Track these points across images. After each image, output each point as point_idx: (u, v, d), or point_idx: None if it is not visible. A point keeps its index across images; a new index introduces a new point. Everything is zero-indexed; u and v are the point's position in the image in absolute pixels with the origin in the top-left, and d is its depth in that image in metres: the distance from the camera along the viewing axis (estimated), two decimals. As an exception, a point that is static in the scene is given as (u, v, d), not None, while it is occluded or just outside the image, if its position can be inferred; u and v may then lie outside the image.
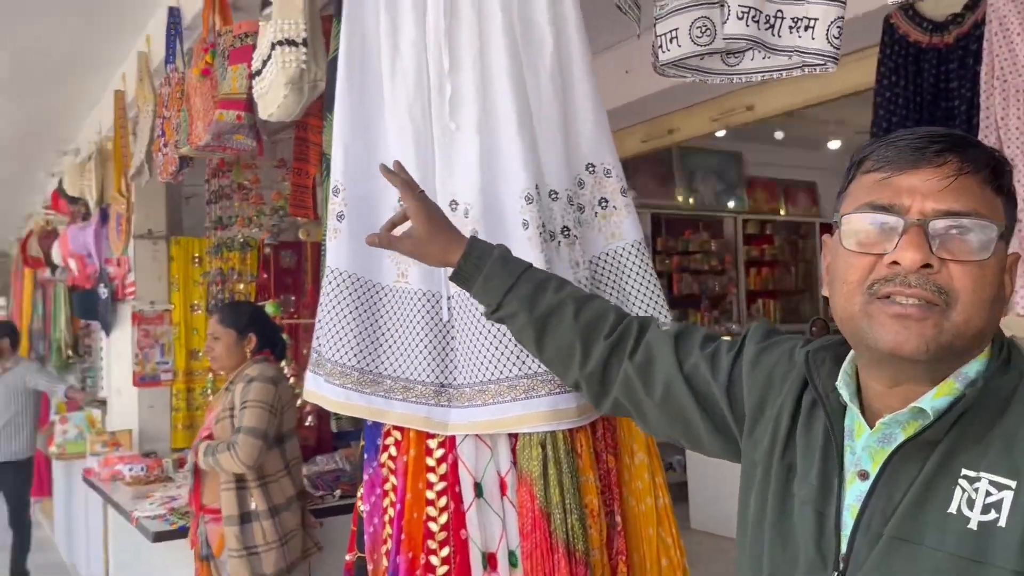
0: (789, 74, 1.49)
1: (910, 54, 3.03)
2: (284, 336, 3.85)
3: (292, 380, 3.78)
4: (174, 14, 3.31)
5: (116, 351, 5.09)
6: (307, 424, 4.45)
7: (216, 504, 2.74)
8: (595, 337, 1.27)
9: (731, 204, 7.78)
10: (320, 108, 2.28)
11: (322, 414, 4.12)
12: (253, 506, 2.67)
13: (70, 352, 6.83)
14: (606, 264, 1.72)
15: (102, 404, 5.39)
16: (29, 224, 7.75)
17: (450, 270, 1.48)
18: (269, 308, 3.94)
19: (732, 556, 1.03)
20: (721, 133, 5.29)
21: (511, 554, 1.58)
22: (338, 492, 3.40)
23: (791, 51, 1.47)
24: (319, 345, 1.70)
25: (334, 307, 1.68)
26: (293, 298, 4.96)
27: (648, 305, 1.72)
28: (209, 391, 4.79)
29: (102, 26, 3.68)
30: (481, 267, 1.36)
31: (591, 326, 1.28)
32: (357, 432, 2.58)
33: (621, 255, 1.72)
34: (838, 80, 3.51)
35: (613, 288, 1.71)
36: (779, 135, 6.64)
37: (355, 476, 3.72)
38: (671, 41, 1.56)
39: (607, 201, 1.72)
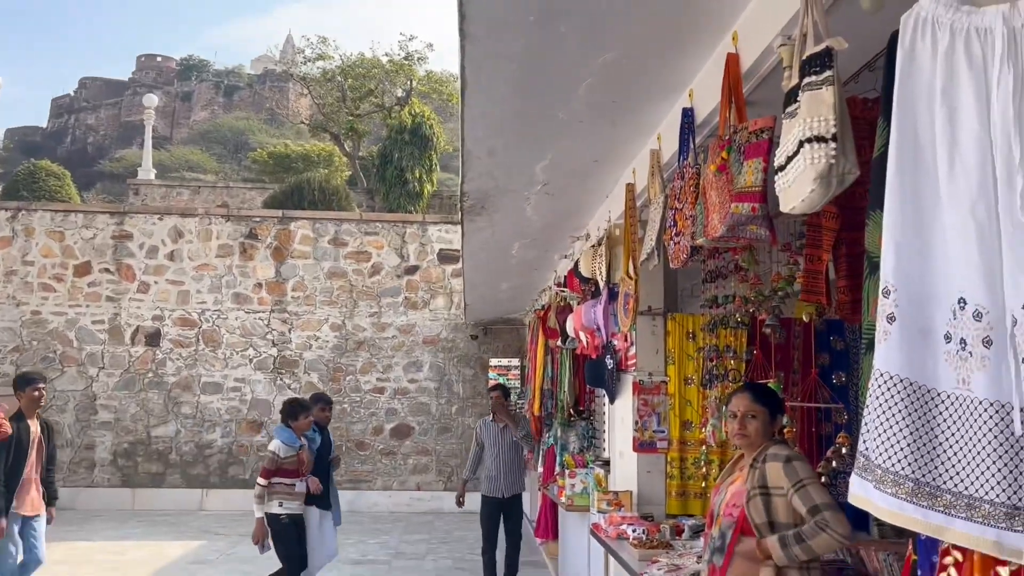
0: None
1: None
2: (786, 418, 3.85)
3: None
4: (687, 114, 3.60)
5: (619, 416, 5.58)
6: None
7: None
8: None
9: None
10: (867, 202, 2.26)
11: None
12: None
13: (571, 411, 7.68)
14: None
15: (605, 464, 5.92)
16: (543, 298, 8.98)
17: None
18: (771, 386, 3.96)
19: None
20: None
21: None
22: (845, 589, 3.23)
23: None
24: (866, 449, 1.67)
25: (885, 412, 1.63)
26: (782, 375, 4.93)
27: None
28: (703, 463, 4.97)
29: (623, 128, 4.16)
30: None
31: None
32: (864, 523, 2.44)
33: None
34: None
35: None
36: None
37: (859, 570, 3.50)
38: None
39: None
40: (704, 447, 4.95)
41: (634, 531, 4.33)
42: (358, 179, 22.71)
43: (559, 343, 7.69)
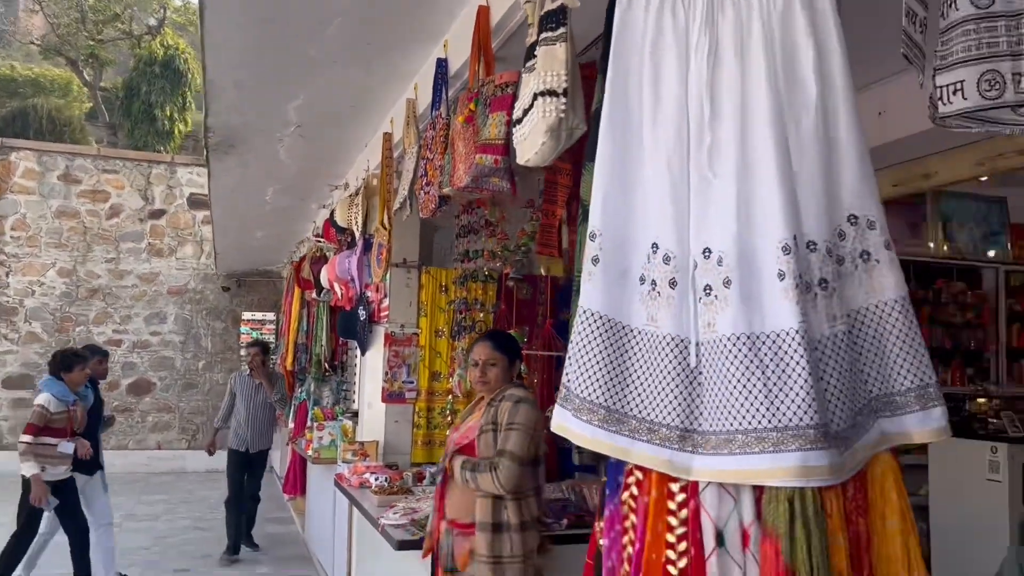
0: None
1: None
2: (523, 366, 4.05)
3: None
4: (441, 65, 3.62)
5: (370, 368, 5.58)
6: (544, 453, 4.61)
7: (465, 519, 2.92)
8: None
9: (991, 253, 7.06)
10: (569, 153, 2.40)
11: (551, 444, 4.25)
12: (507, 518, 2.83)
13: (327, 366, 7.57)
14: (866, 321, 1.66)
15: (355, 416, 5.91)
16: (301, 250, 8.72)
17: (701, 316, 1.49)
18: (512, 334, 4.15)
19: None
20: (984, 178, 4.85)
21: (751, 607, 1.56)
22: (565, 522, 3.48)
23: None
24: (568, 380, 1.79)
25: (585, 345, 1.76)
26: (527, 328, 5.19)
27: (912, 366, 1.64)
28: (448, 412, 5.11)
29: (380, 74, 4.10)
30: None
31: None
32: (592, 466, 2.67)
33: (882, 311, 1.66)
34: None
35: (872, 346, 1.65)
36: (1057, 179, 5.95)
37: (580, 507, 3.80)
38: (955, 93, 1.50)
39: (869, 254, 1.67)
40: (451, 396, 5.10)
41: (376, 479, 4.37)
42: (100, 112, 20.53)
43: (314, 295, 7.52)
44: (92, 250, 12.27)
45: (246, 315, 12.64)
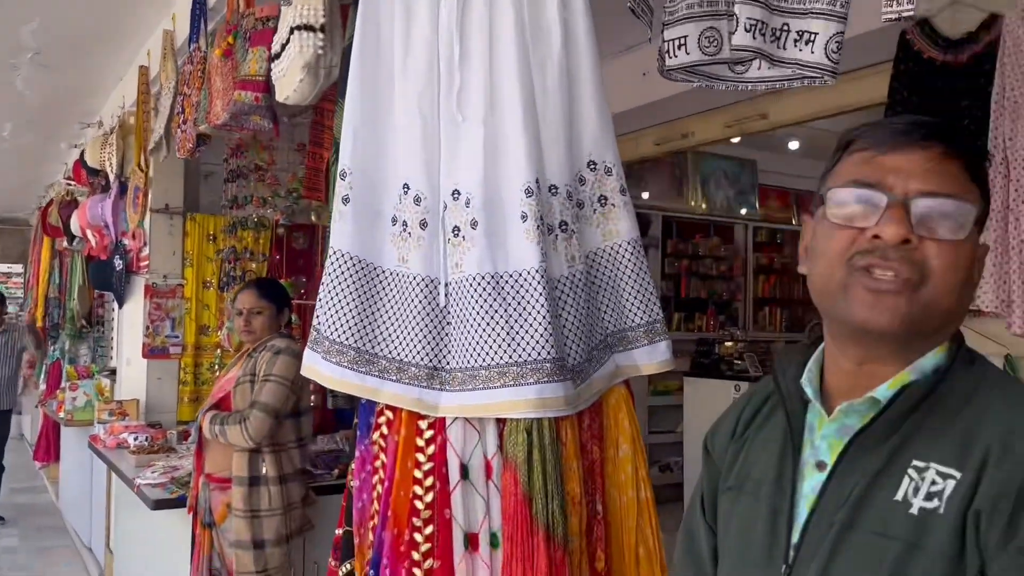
0: (790, 84, 1.53)
1: (924, 70, 3.05)
2: (294, 316, 3.94)
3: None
4: (200, -6, 3.37)
5: (128, 322, 5.18)
6: (310, 404, 4.52)
7: (221, 473, 2.81)
8: None
9: (743, 211, 7.79)
10: (336, 94, 2.33)
11: (325, 395, 4.19)
12: (263, 471, 2.75)
13: (83, 322, 6.94)
14: (602, 260, 1.77)
15: (112, 374, 5.48)
16: (50, 194, 7.87)
17: (449, 256, 1.51)
18: (280, 282, 4.01)
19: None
20: (736, 140, 5.31)
21: (493, 535, 1.63)
22: (336, 472, 3.46)
23: (792, 63, 1.51)
24: (319, 323, 1.76)
25: (335, 287, 1.73)
26: (304, 279, 5.04)
27: (642, 304, 1.76)
28: (217, 367, 4.87)
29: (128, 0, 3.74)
30: None
31: None
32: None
33: (617, 252, 1.77)
34: (853, 92, 3.54)
35: (608, 286, 1.76)
36: (793, 145, 6.65)
37: (353, 457, 3.79)
38: (679, 48, 1.61)
39: (606, 199, 1.76)
40: (219, 350, 4.86)
41: (136, 439, 4.09)
42: None
43: (66, 244, 6.83)
44: None
45: (-12, 267, 11.29)
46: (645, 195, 7.04)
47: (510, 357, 1.60)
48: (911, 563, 0.78)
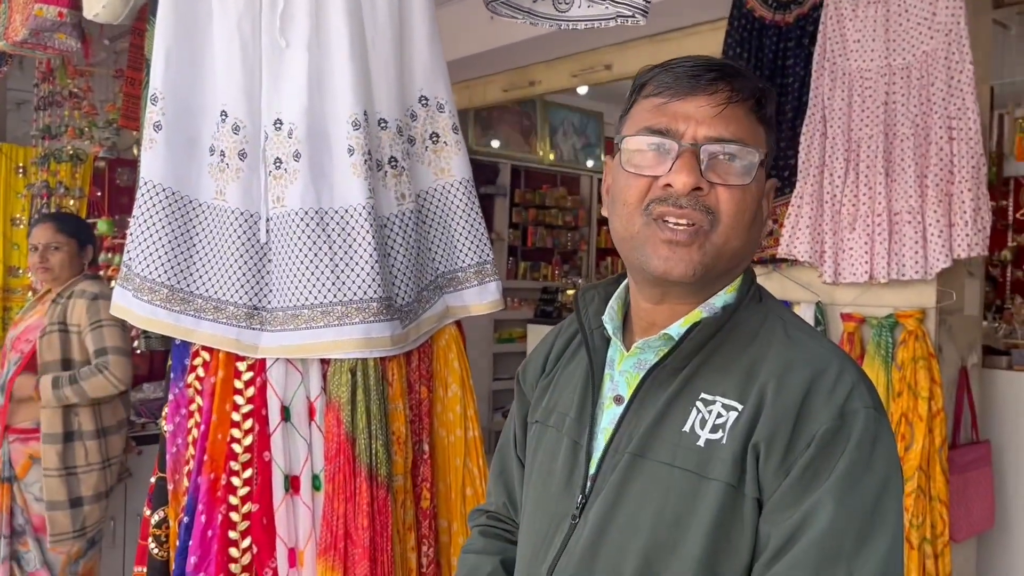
0: (607, 24, 1.54)
1: (755, 28, 3.19)
2: (116, 258, 3.68)
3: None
4: None
5: (-79, 262, 4.66)
6: (137, 351, 4.27)
7: (27, 424, 2.59)
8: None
9: (589, 163, 7.96)
10: (148, 11, 2.14)
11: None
12: (78, 426, 2.56)
13: None
14: (433, 199, 1.74)
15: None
16: None
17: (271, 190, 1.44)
18: (101, 226, 3.72)
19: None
20: (583, 91, 5.37)
21: (315, 477, 1.60)
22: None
23: (607, 1, 1.52)
24: (129, 259, 1.63)
25: (146, 220, 1.61)
26: (126, 217, 4.70)
27: (473, 244, 1.75)
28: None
29: None
30: None
31: None
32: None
33: (448, 191, 1.74)
34: (692, 47, 3.65)
35: (439, 225, 1.73)
36: (640, 98, 6.82)
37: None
38: (504, -19, 1.58)
39: (438, 136, 1.73)
40: (31, 293, 4.48)
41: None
42: None
43: None
44: None
45: None
46: (495, 143, 7.04)
47: (335, 296, 1.55)
48: (697, 492, 0.82)
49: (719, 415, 0.84)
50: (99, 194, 4.60)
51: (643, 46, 4.01)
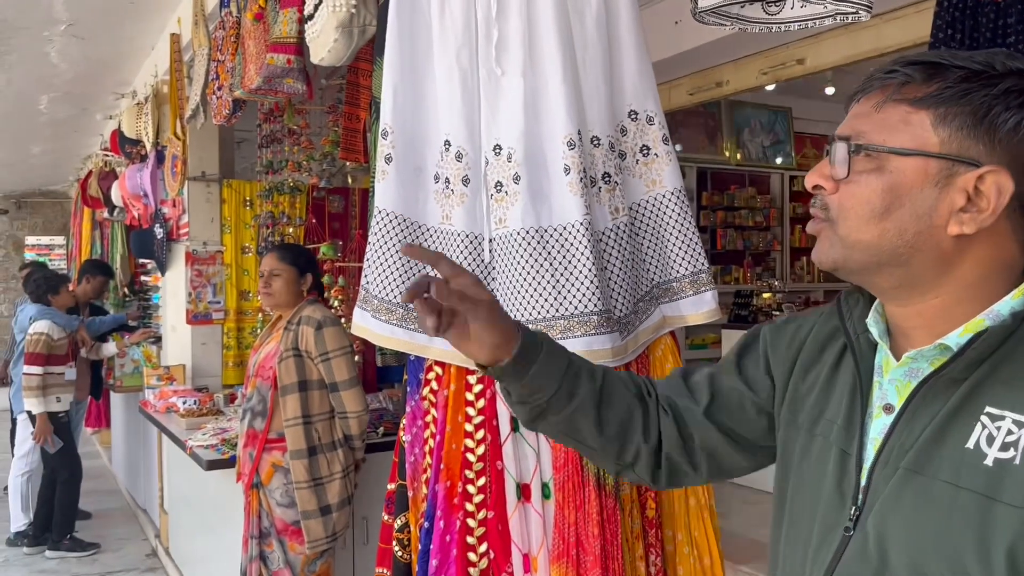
0: (822, 23, 1.49)
1: (967, 7, 2.95)
2: (339, 279, 3.99)
3: (344, 321, 3.90)
4: (229, -42, 3.35)
5: (171, 290, 5.27)
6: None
7: (271, 435, 2.85)
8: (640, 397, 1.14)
9: (778, 160, 7.66)
10: (371, 53, 2.32)
11: (367, 355, 4.25)
12: (318, 440, 2.80)
13: (126, 290, 7.07)
14: (646, 212, 1.75)
15: (158, 340, 5.60)
16: (88, 165, 7.97)
17: (493, 212, 1.51)
18: (324, 249, 4.04)
19: (759, 508, 1.03)
20: (771, 87, 5.19)
21: (544, 486, 1.66)
22: (381, 430, 3.52)
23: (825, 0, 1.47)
24: (367, 282, 1.78)
25: (381, 246, 1.75)
26: (340, 242, 5.07)
27: (687, 254, 1.75)
28: (260, 331, 4.95)
29: (159, -31, 3.74)
30: (536, 356, 1.06)
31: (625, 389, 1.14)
32: (401, 369, 2.69)
33: (661, 203, 1.75)
34: (893, 34, 3.43)
35: (652, 236, 1.75)
36: (830, 91, 6.49)
37: (397, 415, 3.85)
38: (713, -11, 1.57)
39: (648, 148, 1.75)
40: (261, 315, 4.94)
41: (184, 403, 4.20)
42: None
43: (106, 215, 6.94)
44: None
45: (30, 240, 11.51)
46: (679, 147, 6.95)
47: (556, 311, 1.61)
48: (987, 515, 0.76)
49: (1009, 432, 0.77)
50: (314, 220, 5.00)
51: (838, 36, 3.82)
